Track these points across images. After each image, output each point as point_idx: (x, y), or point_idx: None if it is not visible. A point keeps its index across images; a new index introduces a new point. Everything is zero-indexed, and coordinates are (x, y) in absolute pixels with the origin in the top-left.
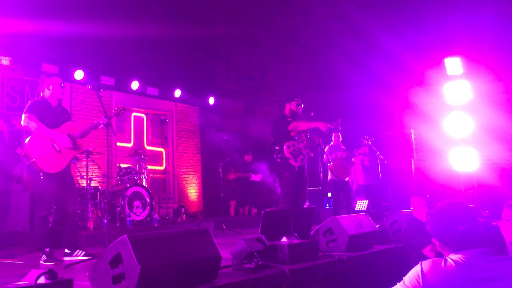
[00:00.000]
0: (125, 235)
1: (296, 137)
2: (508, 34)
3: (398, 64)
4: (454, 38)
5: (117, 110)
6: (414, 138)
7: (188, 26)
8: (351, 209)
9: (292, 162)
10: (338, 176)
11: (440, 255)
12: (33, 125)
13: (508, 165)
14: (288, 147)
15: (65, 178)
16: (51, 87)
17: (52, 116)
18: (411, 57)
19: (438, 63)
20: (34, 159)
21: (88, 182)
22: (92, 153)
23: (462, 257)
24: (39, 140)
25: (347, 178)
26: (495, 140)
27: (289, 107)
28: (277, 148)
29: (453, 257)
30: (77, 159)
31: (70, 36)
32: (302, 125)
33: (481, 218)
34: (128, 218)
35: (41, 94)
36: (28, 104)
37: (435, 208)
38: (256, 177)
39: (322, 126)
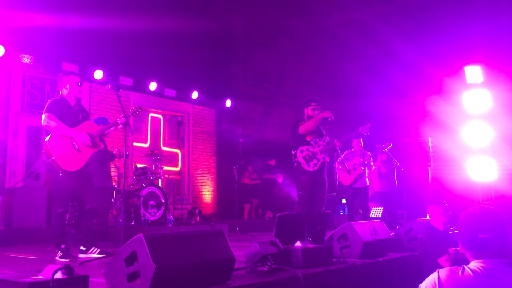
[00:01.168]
0: (141, 234)
1: (312, 142)
2: None
3: (415, 72)
4: (474, 46)
5: (134, 109)
6: (432, 147)
7: (206, 28)
8: (367, 216)
9: (304, 166)
10: (340, 181)
11: (456, 265)
12: (53, 124)
13: None
14: (301, 151)
15: (84, 176)
16: (68, 86)
17: (70, 114)
18: (429, 65)
19: (457, 72)
20: (54, 158)
21: None
22: None
23: (481, 266)
24: (58, 138)
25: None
26: None
27: (306, 111)
28: (293, 152)
29: (471, 266)
30: None
31: (90, 36)
32: (309, 124)
33: None
34: (142, 218)
35: (60, 93)
36: (48, 103)
37: (465, 211)
38: (279, 178)
39: (327, 114)
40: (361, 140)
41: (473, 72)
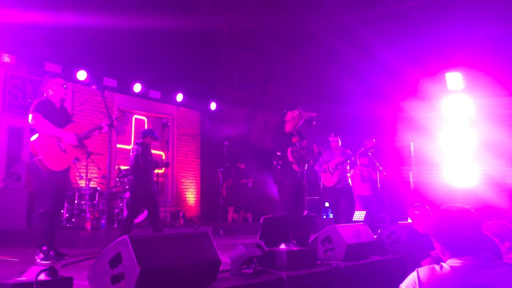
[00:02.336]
0: (126, 236)
1: (298, 144)
2: (510, 50)
3: (397, 77)
4: (455, 52)
5: (117, 115)
6: (414, 151)
7: (192, 31)
8: (350, 219)
9: (295, 167)
10: (323, 183)
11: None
12: (41, 123)
13: (507, 181)
14: (292, 151)
15: (65, 178)
16: (54, 88)
17: (56, 116)
18: (411, 71)
19: (438, 77)
20: (40, 157)
21: (87, 182)
22: (92, 154)
23: (459, 262)
24: (46, 138)
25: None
26: (495, 156)
27: (291, 115)
28: (278, 154)
29: (450, 263)
30: (77, 159)
31: (74, 36)
32: (295, 120)
33: None
34: None
35: (45, 95)
36: (35, 103)
37: (441, 212)
38: (250, 183)
39: (312, 114)
40: (339, 139)
41: (454, 79)
